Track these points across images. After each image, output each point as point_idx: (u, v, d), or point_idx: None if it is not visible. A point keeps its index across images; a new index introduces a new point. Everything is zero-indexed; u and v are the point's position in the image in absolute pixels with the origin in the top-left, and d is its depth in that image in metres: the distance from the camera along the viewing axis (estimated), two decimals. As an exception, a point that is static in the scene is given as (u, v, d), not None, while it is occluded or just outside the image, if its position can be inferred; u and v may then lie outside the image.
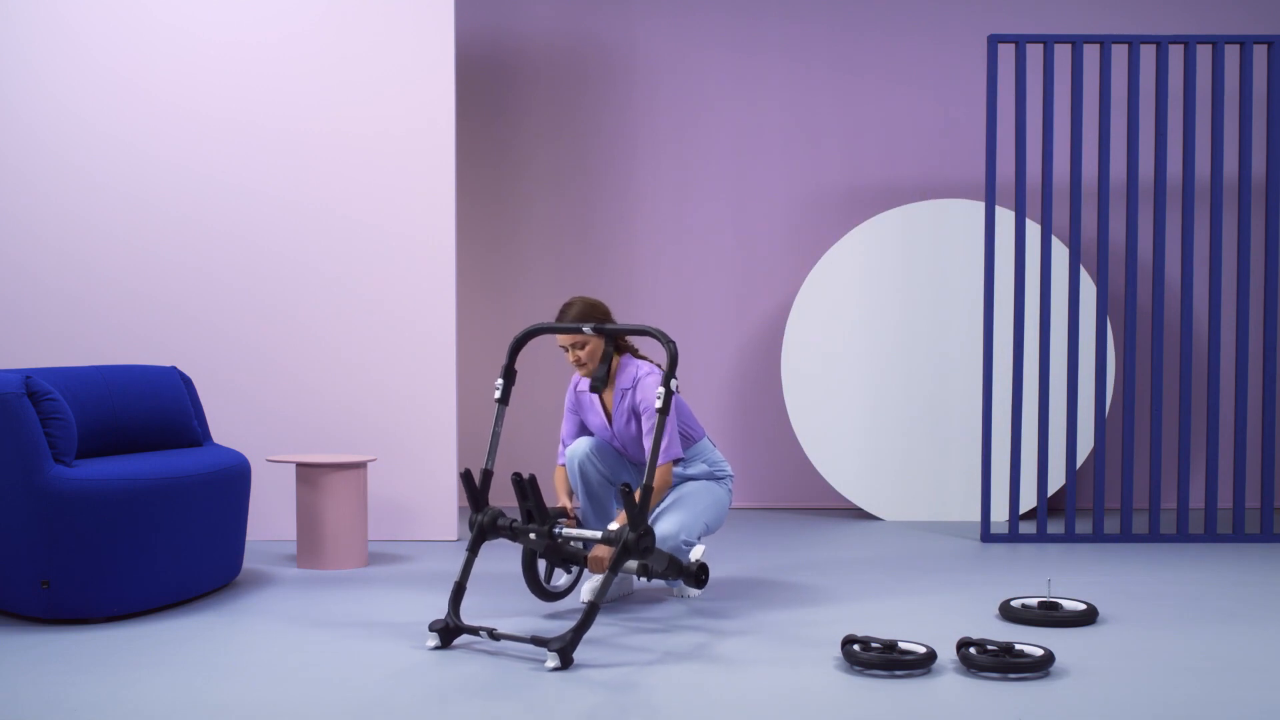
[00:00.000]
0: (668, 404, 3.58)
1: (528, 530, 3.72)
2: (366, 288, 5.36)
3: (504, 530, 3.73)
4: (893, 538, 5.49)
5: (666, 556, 3.74)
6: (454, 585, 3.65)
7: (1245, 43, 5.43)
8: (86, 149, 5.28)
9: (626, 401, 4.10)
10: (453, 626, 3.56)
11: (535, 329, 3.86)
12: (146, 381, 4.37)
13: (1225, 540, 5.48)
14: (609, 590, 3.82)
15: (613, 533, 3.57)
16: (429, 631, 3.60)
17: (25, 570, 3.78)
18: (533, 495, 3.73)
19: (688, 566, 3.85)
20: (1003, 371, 6.01)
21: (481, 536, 3.72)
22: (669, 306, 6.43)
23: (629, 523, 3.53)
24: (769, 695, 3.09)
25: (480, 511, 3.74)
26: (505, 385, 3.83)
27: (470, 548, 3.71)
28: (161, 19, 5.29)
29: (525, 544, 3.79)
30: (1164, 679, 3.25)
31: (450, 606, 3.61)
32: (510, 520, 3.75)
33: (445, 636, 3.56)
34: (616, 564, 3.50)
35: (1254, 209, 6.27)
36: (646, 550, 3.56)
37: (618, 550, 3.52)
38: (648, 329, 3.67)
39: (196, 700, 3.03)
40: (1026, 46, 5.61)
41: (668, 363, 3.59)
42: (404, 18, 5.34)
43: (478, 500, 3.75)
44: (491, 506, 3.78)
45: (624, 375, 4.11)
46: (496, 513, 3.74)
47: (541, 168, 6.42)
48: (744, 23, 6.42)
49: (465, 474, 3.72)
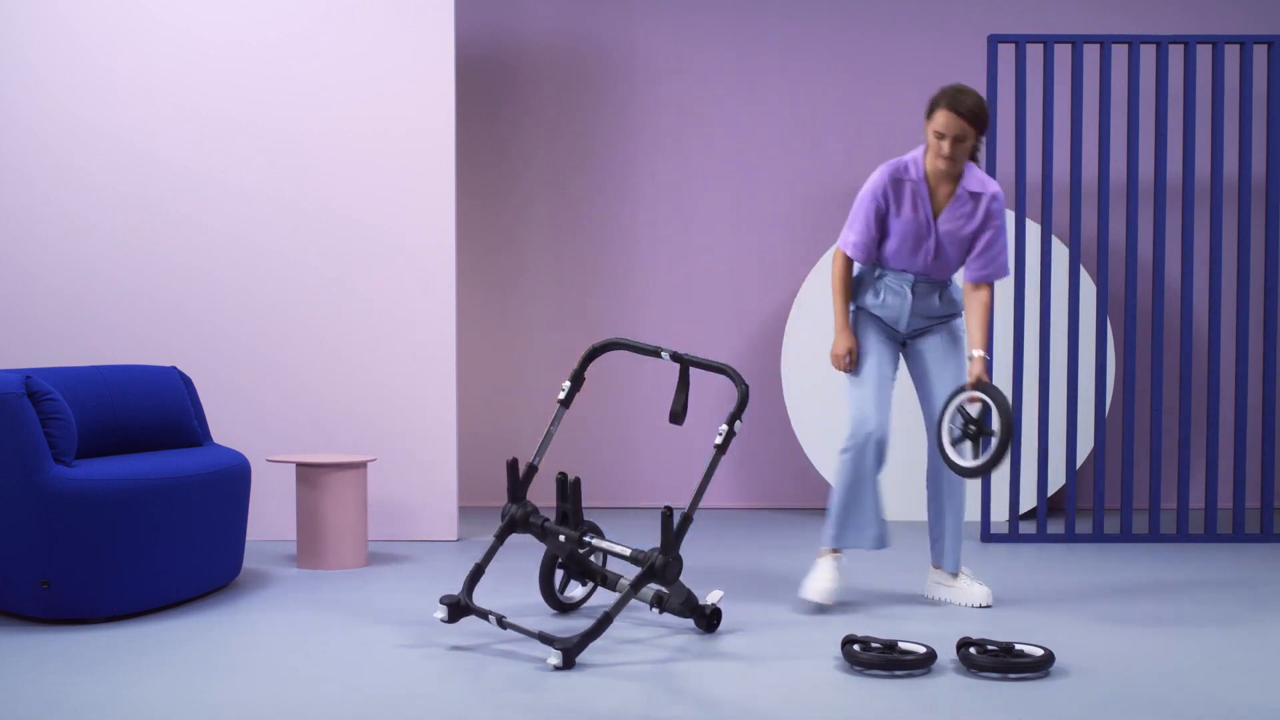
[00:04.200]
0: (727, 443, 3.50)
1: (559, 532, 3.70)
2: (366, 288, 5.36)
3: (534, 527, 3.72)
4: (893, 537, 5.49)
5: (685, 592, 3.65)
6: (474, 566, 3.63)
7: (1245, 43, 5.43)
8: (86, 149, 5.28)
9: (967, 205, 3.97)
10: (463, 605, 3.55)
11: (615, 342, 3.81)
12: (146, 381, 4.37)
13: (1225, 540, 5.48)
14: None
15: (641, 554, 3.51)
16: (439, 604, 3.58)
17: (25, 570, 3.78)
18: (573, 499, 3.71)
19: (700, 607, 3.72)
20: (1003, 371, 6.01)
21: (511, 528, 3.70)
22: (669, 306, 6.43)
23: (661, 546, 3.44)
24: (769, 695, 3.09)
25: (516, 503, 3.72)
26: (571, 389, 3.79)
27: (498, 535, 3.70)
28: (161, 19, 5.30)
29: (551, 545, 3.75)
30: (1164, 679, 3.25)
31: (465, 585, 3.60)
32: (543, 519, 3.73)
33: (454, 613, 3.55)
34: (638, 584, 3.46)
35: (1254, 209, 6.27)
36: (671, 580, 3.47)
37: (643, 572, 3.43)
38: (725, 368, 3.58)
39: (196, 700, 3.03)
40: (1026, 46, 5.61)
41: (737, 403, 3.51)
42: (404, 18, 5.34)
43: (515, 492, 3.73)
44: (528, 501, 3.75)
45: (971, 178, 3.98)
46: (531, 508, 3.72)
47: (541, 168, 6.42)
48: (744, 23, 6.42)
49: (512, 462, 3.69)
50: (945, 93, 3.90)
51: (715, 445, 3.55)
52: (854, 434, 4.05)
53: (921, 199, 3.98)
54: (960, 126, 3.85)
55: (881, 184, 4.01)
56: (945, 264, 4.06)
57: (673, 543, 3.43)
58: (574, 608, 4.02)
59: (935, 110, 3.90)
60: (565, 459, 6.40)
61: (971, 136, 3.88)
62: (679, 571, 3.48)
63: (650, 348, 3.73)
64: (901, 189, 3.99)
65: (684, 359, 3.67)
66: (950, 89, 3.91)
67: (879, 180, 4.02)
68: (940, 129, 3.88)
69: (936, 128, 3.89)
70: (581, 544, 3.69)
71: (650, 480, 6.42)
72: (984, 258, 4.01)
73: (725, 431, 3.51)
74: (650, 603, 3.67)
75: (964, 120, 3.85)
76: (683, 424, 4.20)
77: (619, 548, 3.59)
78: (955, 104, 3.86)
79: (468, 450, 6.36)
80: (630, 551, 3.55)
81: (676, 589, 3.62)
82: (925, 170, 3.99)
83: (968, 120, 3.85)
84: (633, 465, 6.42)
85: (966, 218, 3.98)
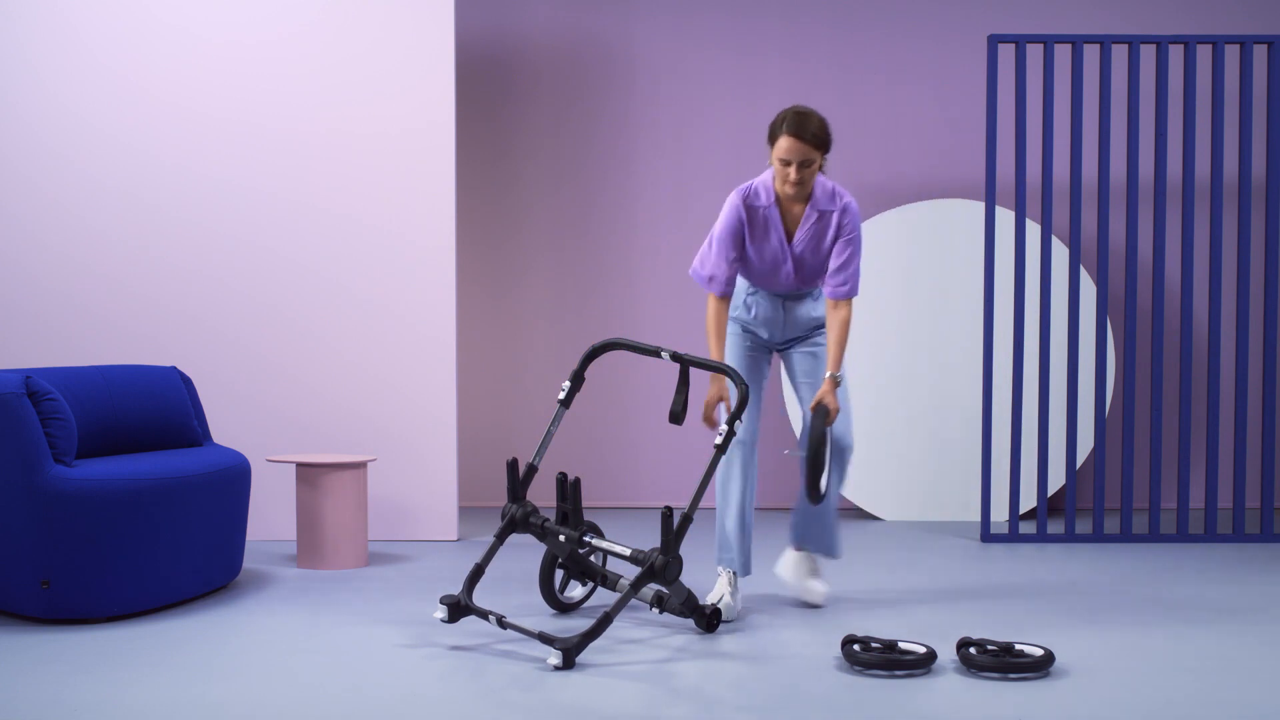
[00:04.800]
0: (727, 442, 3.51)
1: (558, 532, 3.70)
2: (366, 288, 5.36)
3: (534, 528, 3.72)
4: (893, 538, 5.49)
5: (685, 591, 3.65)
6: (474, 566, 3.62)
7: (1245, 43, 5.43)
8: (86, 149, 5.28)
9: (820, 222, 3.90)
10: (463, 605, 3.55)
11: (615, 342, 3.80)
12: (146, 381, 4.37)
13: (1225, 540, 5.48)
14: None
15: (642, 553, 3.51)
16: (439, 604, 3.58)
17: (25, 570, 3.78)
18: (572, 499, 3.71)
19: (701, 607, 3.72)
20: (1003, 371, 6.01)
21: (511, 528, 3.70)
22: (669, 306, 6.43)
23: (662, 546, 3.45)
24: (769, 695, 3.09)
25: (516, 503, 3.72)
26: (571, 389, 3.78)
27: (498, 535, 3.70)
28: (161, 19, 5.30)
29: (551, 545, 3.76)
30: (1164, 679, 3.25)
31: (465, 585, 3.60)
32: (543, 519, 3.73)
33: (454, 613, 3.55)
34: (638, 584, 3.46)
35: (1254, 209, 6.27)
36: (671, 580, 3.47)
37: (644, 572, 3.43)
38: (725, 368, 3.58)
39: (196, 700, 3.03)
40: (1026, 46, 5.61)
41: (736, 403, 3.51)
42: (403, 18, 5.35)
43: (515, 492, 3.73)
44: (528, 501, 3.75)
45: (821, 195, 3.90)
46: (531, 509, 3.72)
47: (541, 167, 6.42)
48: (744, 23, 6.42)
49: (512, 462, 3.70)
50: (787, 118, 3.79)
51: (715, 445, 3.56)
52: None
53: (774, 224, 3.92)
54: (805, 152, 3.76)
55: (735, 211, 3.93)
56: (811, 278, 4.01)
57: (673, 543, 3.43)
58: (574, 608, 4.02)
59: (778, 136, 3.79)
60: (566, 459, 6.40)
61: (818, 159, 3.80)
62: (679, 571, 3.48)
63: (650, 348, 3.72)
64: (755, 215, 3.93)
65: (684, 359, 3.66)
66: (792, 114, 3.80)
67: (732, 207, 3.94)
68: (785, 155, 3.78)
69: (781, 154, 3.79)
70: (581, 544, 3.69)
71: (650, 480, 6.42)
72: (840, 274, 3.90)
73: (725, 432, 3.51)
74: (650, 603, 3.67)
75: (808, 145, 3.76)
76: (683, 424, 4.19)
77: (619, 548, 3.60)
78: (799, 130, 3.75)
79: (468, 450, 6.36)
80: (630, 551, 3.55)
81: (677, 589, 3.62)
82: (775, 194, 3.93)
83: (812, 145, 3.76)
84: (633, 465, 6.42)
85: (821, 235, 3.92)
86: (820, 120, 3.80)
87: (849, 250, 3.88)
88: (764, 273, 3.99)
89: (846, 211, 3.90)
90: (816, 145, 3.77)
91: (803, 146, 3.76)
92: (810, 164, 3.79)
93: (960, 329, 6.02)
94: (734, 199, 3.94)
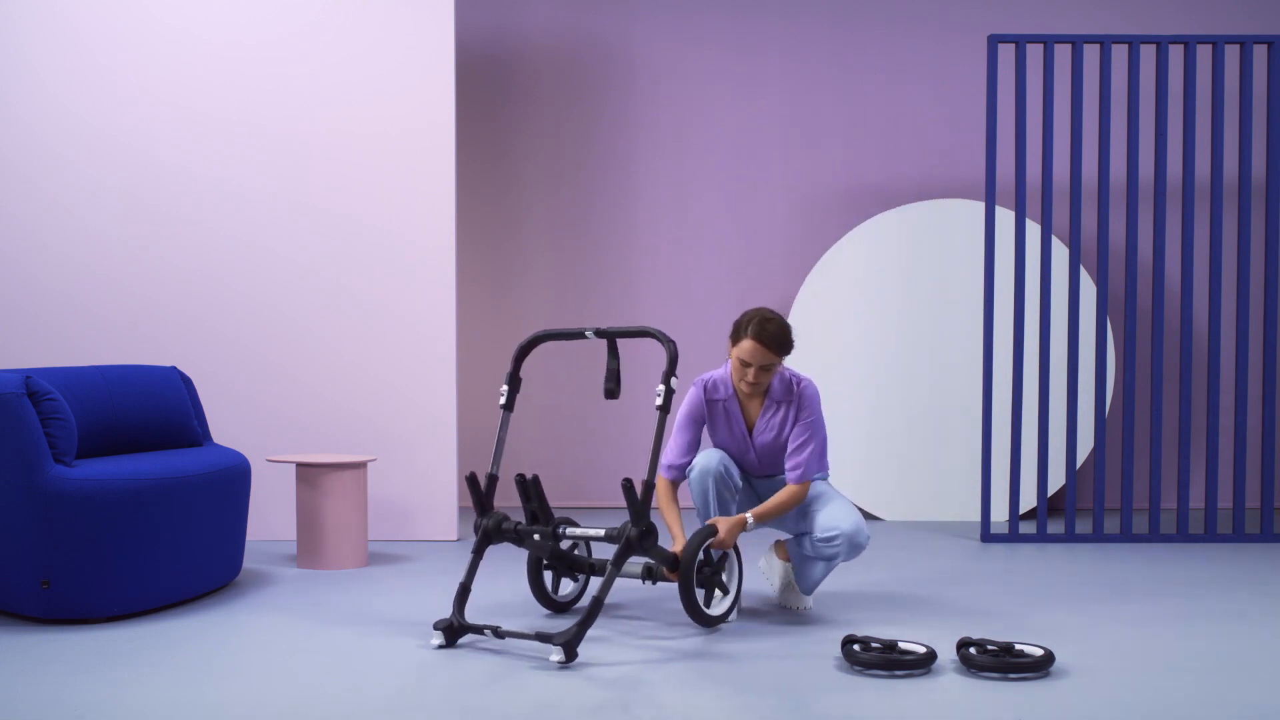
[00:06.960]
0: (668, 401, 3.56)
1: (532, 532, 3.72)
2: (366, 288, 5.36)
3: (508, 534, 3.73)
4: (893, 538, 5.49)
5: (669, 555, 3.67)
6: (459, 586, 3.65)
7: (1245, 43, 5.43)
8: (86, 149, 5.28)
9: (779, 413, 3.95)
10: (457, 625, 3.57)
11: (541, 335, 3.85)
12: (146, 381, 4.37)
13: (1225, 540, 5.47)
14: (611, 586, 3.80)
15: (615, 530, 3.57)
16: (433, 630, 3.60)
17: (25, 570, 3.78)
18: (536, 496, 3.73)
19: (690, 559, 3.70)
20: (1003, 371, 6.01)
21: (486, 540, 3.72)
22: (669, 306, 6.43)
23: (632, 517, 3.50)
24: (770, 695, 3.09)
25: (485, 515, 3.73)
26: (510, 392, 3.82)
27: (475, 550, 3.71)
28: (161, 19, 5.30)
29: (530, 548, 3.78)
30: (1164, 679, 3.25)
31: (455, 606, 3.61)
32: (515, 524, 3.74)
33: (450, 635, 3.56)
34: (619, 560, 3.50)
35: (1254, 209, 6.27)
36: (650, 548, 3.54)
37: (621, 547, 3.50)
38: (647, 329, 3.66)
39: (196, 700, 3.03)
40: (1026, 46, 5.61)
41: (667, 362, 3.57)
42: (403, 18, 5.34)
43: (483, 504, 3.74)
44: (497, 510, 3.77)
45: (779, 386, 3.94)
46: (501, 517, 3.73)
47: (541, 167, 6.42)
48: (744, 23, 6.42)
49: (470, 477, 3.72)
50: (752, 321, 3.83)
51: (657, 407, 3.60)
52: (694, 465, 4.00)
53: (734, 417, 4.00)
54: (766, 356, 3.82)
55: (695, 401, 4.00)
56: (777, 463, 4.04)
57: (641, 510, 3.49)
58: (570, 605, 4.04)
59: (741, 338, 3.83)
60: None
61: (776, 362, 3.86)
62: (656, 538, 3.54)
63: (574, 331, 3.79)
64: (714, 407, 4.01)
65: (608, 332, 3.74)
66: (755, 317, 3.83)
67: (693, 400, 4.01)
68: (746, 357, 3.83)
69: (742, 355, 3.83)
70: (557, 537, 3.71)
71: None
72: (796, 458, 3.91)
73: (664, 390, 3.56)
74: (641, 576, 3.72)
75: (769, 350, 3.80)
76: (619, 397, 4.23)
77: (593, 531, 3.66)
78: (760, 334, 3.80)
79: (468, 450, 6.36)
80: (605, 531, 3.61)
81: (659, 555, 3.65)
82: (734, 388, 3.98)
83: (773, 350, 3.81)
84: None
85: (783, 423, 3.96)
86: (782, 325, 3.85)
87: (807, 434, 3.91)
88: (734, 456, 4.05)
89: (804, 396, 3.94)
90: (777, 350, 3.82)
91: (764, 351, 3.81)
92: (770, 368, 3.86)
93: (960, 329, 6.02)
94: (694, 390, 4.02)
